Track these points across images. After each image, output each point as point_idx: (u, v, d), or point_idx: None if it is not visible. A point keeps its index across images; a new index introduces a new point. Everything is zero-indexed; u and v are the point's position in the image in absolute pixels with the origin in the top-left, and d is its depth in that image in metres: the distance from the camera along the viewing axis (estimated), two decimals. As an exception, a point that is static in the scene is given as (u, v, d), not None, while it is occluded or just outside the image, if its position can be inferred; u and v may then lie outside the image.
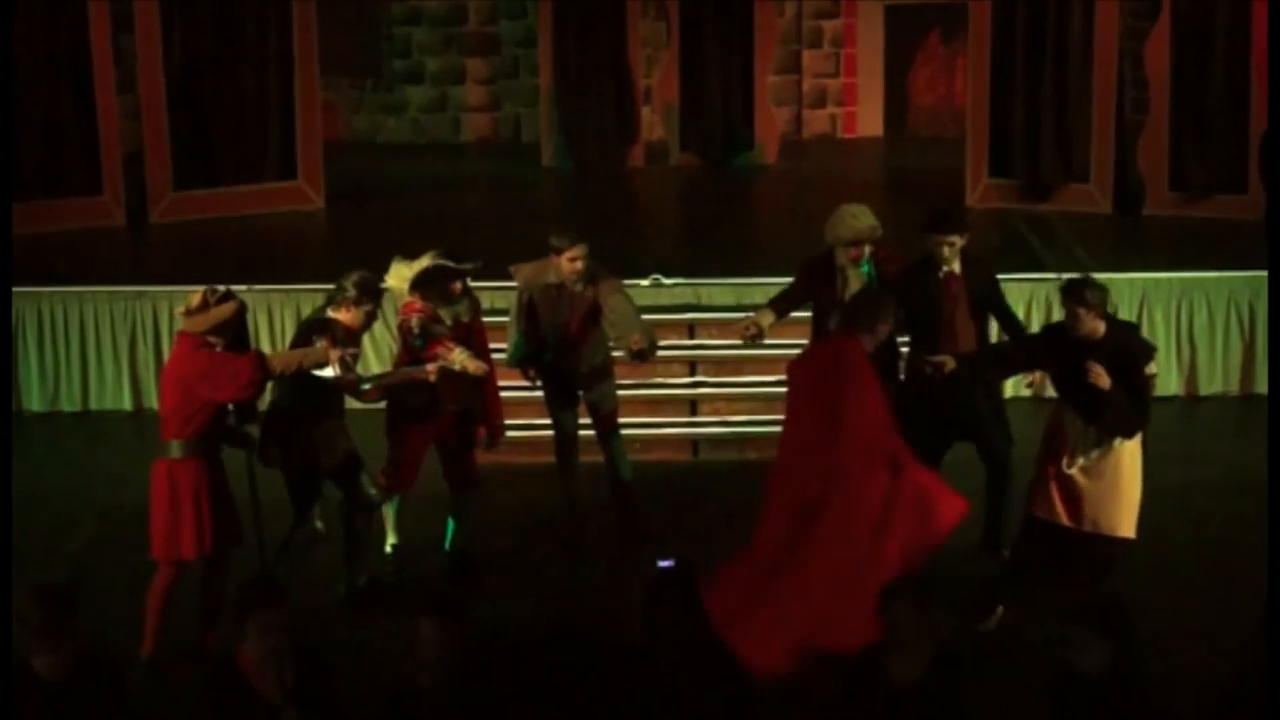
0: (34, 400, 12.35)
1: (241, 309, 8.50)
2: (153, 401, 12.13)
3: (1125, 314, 11.42)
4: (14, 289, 11.70)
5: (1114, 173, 14.48)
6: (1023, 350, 9.26)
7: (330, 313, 9.00)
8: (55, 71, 14.04)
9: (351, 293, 8.95)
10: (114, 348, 12.33)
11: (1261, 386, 12.27)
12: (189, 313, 8.39)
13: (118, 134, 14.35)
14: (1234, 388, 12.42)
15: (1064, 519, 8.55)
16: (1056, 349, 8.59)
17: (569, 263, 9.73)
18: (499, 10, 18.14)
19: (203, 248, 13.78)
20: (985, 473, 9.39)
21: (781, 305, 10.00)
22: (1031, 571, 8.75)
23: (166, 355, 12.01)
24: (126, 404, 12.37)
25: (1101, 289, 8.51)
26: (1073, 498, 8.54)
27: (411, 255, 9.37)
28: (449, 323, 9.38)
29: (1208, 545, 9.80)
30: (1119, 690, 6.60)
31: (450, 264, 9.31)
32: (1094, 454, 8.50)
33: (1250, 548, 9.46)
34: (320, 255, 13.81)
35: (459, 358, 9.10)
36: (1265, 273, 11.88)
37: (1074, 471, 8.52)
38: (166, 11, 14.33)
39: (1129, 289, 12.13)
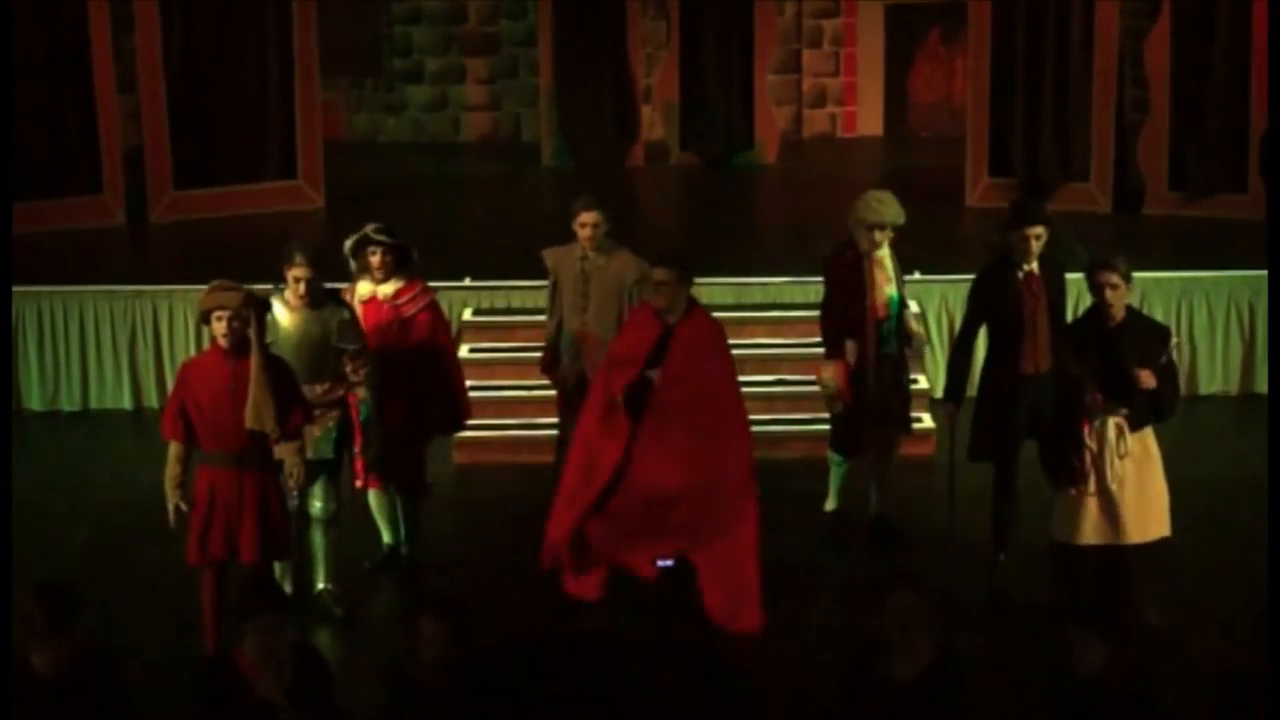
0: (34, 400, 12.35)
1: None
2: (153, 401, 12.12)
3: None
4: (14, 289, 11.69)
5: (1114, 172, 14.48)
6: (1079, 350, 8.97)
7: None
8: (55, 71, 14.04)
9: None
10: (114, 347, 12.31)
11: (1261, 386, 12.27)
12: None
13: (118, 133, 14.34)
14: (1234, 387, 12.42)
15: (1108, 538, 8.52)
16: (1094, 344, 8.53)
17: (579, 228, 9.61)
18: (499, 10, 18.13)
19: (203, 247, 13.76)
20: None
21: (834, 333, 9.64)
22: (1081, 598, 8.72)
23: (167, 355, 12.09)
24: (126, 403, 12.36)
25: (1127, 262, 8.50)
26: (1113, 513, 8.51)
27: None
28: (365, 299, 9.49)
29: (1207, 545, 9.78)
30: (1120, 690, 6.60)
31: (369, 234, 9.35)
32: (1126, 463, 8.48)
33: (1250, 547, 9.46)
34: (320, 255, 13.74)
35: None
36: (1265, 272, 11.88)
37: (1114, 487, 8.47)
38: (166, 11, 14.30)
39: (1129, 289, 12.11)
